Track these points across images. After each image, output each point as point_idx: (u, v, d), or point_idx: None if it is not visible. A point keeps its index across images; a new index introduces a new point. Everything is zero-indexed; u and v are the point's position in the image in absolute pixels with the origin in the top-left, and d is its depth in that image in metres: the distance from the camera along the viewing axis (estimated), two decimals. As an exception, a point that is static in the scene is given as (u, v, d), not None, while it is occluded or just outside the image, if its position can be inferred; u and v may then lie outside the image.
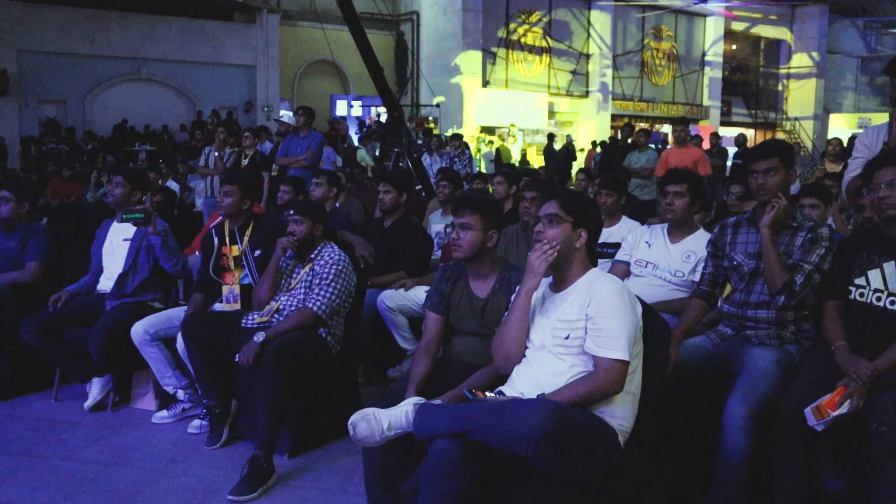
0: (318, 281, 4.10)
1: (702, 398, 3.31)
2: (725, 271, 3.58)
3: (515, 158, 20.02)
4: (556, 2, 26.80)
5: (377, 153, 18.86)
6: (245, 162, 9.77)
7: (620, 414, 2.73)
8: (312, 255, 4.20)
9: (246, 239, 4.54)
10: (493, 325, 3.20)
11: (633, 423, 2.78)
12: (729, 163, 14.85)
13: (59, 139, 18.80)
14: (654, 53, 29.80)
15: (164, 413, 4.56)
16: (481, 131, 22.31)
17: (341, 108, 25.41)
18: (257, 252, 4.49)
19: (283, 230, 4.22)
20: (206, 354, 4.09)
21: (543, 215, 2.88)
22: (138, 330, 4.42)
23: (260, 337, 3.91)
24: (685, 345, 3.44)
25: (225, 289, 4.50)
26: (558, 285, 2.91)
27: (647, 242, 4.27)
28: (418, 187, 9.63)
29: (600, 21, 27.38)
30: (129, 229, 4.83)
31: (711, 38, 30.59)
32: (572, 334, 2.74)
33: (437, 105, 23.33)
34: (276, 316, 4.14)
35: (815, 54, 32.48)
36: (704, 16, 30.22)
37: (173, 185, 11.06)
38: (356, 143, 21.34)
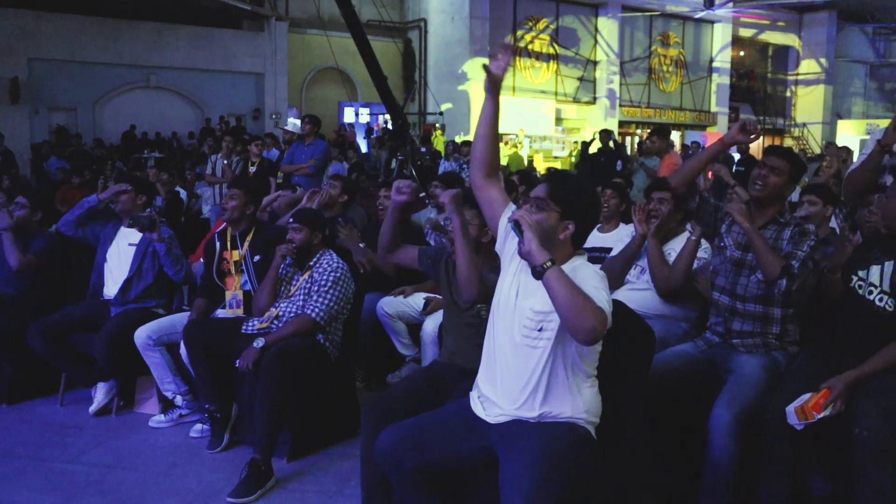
0: (316, 288, 4.19)
1: (689, 404, 3.36)
2: (711, 229, 3.67)
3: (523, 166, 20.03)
4: (563, 9, 26.75)
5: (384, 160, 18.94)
6: (252, 169, 9.88)
7: (583, 407, 2.68)
8: (311, 263, 4.28)
9: (246, 244, 4.62)
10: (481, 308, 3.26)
11: (601, 413, 2.75)
12: (733, 170, 14.83)
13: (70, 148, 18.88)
14: (662, 60, 29.63)
15: (161, 417, 4.65)
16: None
17: (349, 116, 25.45)
18: (257, 257, 4.58)
19: (283, 237, 4.31)
20: (208, 360, 4.18)
21: (532, 197, 2.73)
22: (142, 334, 4.51)
23: (259, 343, 4.00)
24: (671, 352, 3.52)
25: (228, 294, 4.59)
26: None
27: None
28: (422, 195, 9.67)
29: (607, 28, 27.31)
30: (135, 234, 4.91)
31: (719, 44, 30.44)
32: (546, 326, 2.63)
33: (441, 113, 23.35)
34: (275, 322, 4.23)
35: (823, 60, 32.34)
36: (712, 22, 30.10)
37: (180, 192, 11.18)
38: (364, 150, 21.42)
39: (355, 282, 4.38)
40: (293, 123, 10.29)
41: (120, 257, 5.00)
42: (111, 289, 4.98)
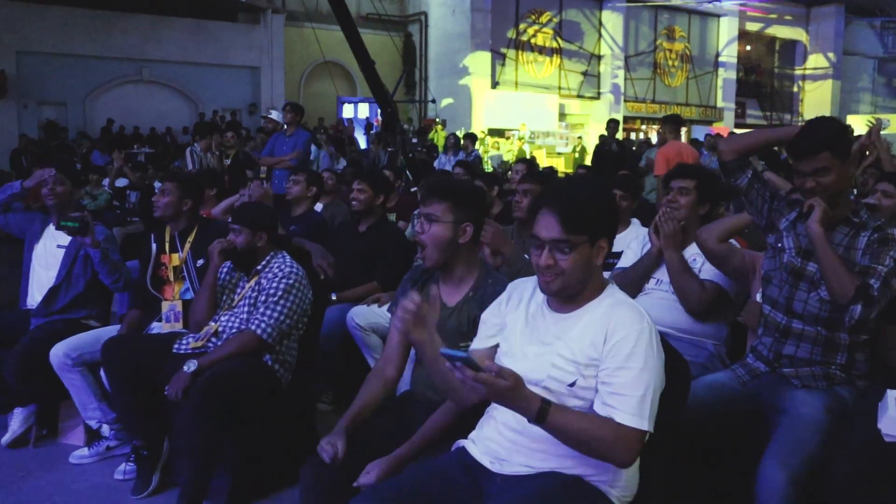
0: (263, 298, 3.44)
1: (727, 452, 2.63)
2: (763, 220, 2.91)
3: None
4: (566, 2, 26.28)
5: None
6: (227, 161, 9.34)
7: (623, 484, 2.07)
8: (259, 267, 3.55)
9: (187, 245, 3.90)
10: (456, 340, 2.56)
11: (637, 489, 2.13)
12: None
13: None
14: (667, 54, 29.23)
15: (85, 451, 3.88)
16: (489, 134, 21.74)
17: (348, 111, 24.92)
18: (200, 261, 3.84)
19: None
20: (132, 386, 3.42)
21: (549, 241, 2.07)
22: (58, 352, 3.75)
23: (191, 366, 3.23)
24: (703, 383, 2.76)
25: (165, 305, 3.84)
26: (563, 304, 2.16)
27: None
28: (414, 189, 9.03)
29: (612, 21, 26.85)
30: (65, 235, 4.14)
31: (725, 38, 30.00)
32: (581, 382, 2.04)
33: (433, 100, 22.79)
34: (213, 340, 3.47)
35: (830, 55, 31.90)
36: (718, 16, 29.63)
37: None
38: (362, 146, 20.84)
39: (314, 289, 3.63)
40: (277, 113, 9.71)
41: (47, 261, 4.25)
42: (35, 297, 4.25)
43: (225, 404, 3.15)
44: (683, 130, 24.91)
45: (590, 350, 2.02)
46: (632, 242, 3.84)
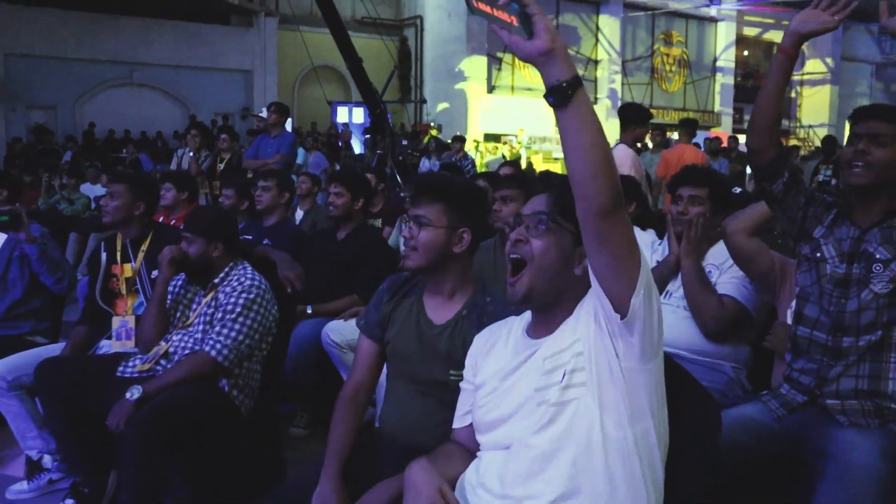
0: (220, 315, 3.01)
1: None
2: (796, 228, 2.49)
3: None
4: (563, 6, 26.13)
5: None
6: (221, 166, 8.98)
7: None
8: (216, 281, 3.13)
9: (141, 255, 3.49)
10: (447, 367, 2.17)
11: None
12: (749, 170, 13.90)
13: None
14: (665, 59, 29.22)
15: (23, 486, 3.43)
16: (485, 140, 21.46)
17: (342, 115, 24.60)
18: (154, 272, 3.43)
19: None
20: (70, 415, 3.00)
21: (529, 215, 1.76)
22: (-9, 374, 3.36)
23: (134, 393, 2.79)
24: (730, 419, 2.27)
25: (115, 321, 3.40)
26: (540, 327, 1.79)
27: (658, 262, 3.20)
28: (403, 193, 8.67)
29: (609, 26, 26.76)
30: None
31: (723, 43, 29.99)
32: (572, 367, 1.63)
33: (424, 101, 22.52)
34: (162, 362, 3.05)
35: (829, 60, 31.85)
36: (716, 21, 29.57)
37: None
38: (357, 151, 20.54)
39: (280, 304, 3.20)
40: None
41: (-23, 266, 3.85)
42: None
43: (172, 436, 2.71)
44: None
45: (572, 334, 1.67)
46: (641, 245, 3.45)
